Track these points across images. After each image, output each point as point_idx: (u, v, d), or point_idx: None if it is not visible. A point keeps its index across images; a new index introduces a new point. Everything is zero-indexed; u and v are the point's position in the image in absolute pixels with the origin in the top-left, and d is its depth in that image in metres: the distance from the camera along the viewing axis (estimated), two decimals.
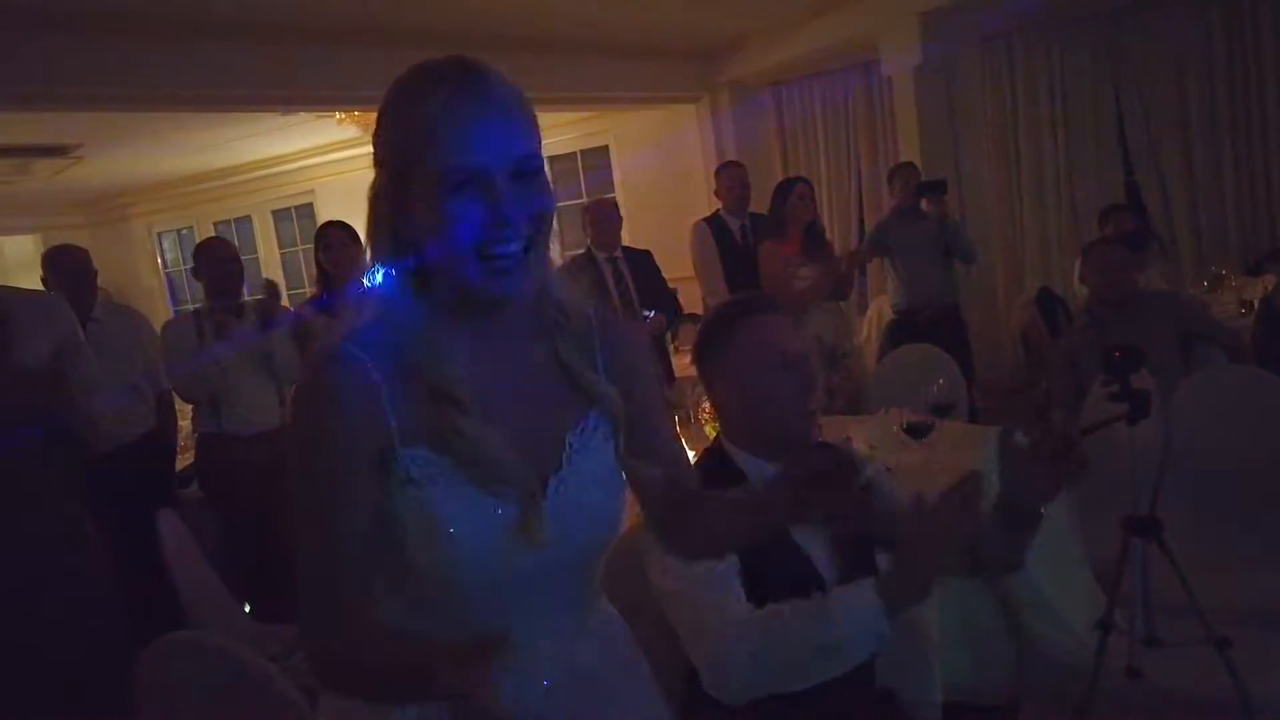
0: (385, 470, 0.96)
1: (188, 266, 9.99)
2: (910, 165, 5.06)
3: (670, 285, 4.73)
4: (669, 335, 4.85)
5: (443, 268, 0.96)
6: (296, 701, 1.49)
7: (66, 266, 3.58)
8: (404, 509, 0.96)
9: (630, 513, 1.18)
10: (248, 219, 9.61)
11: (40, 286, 3.66)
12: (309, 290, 8.84)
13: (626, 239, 5.03)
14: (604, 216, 4.59)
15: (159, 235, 10.33)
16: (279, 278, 9.38)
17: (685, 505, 1.14)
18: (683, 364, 4.69)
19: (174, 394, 3.79)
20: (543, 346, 1.06)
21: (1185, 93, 5.89)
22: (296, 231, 9.56)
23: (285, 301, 3.94)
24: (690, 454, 2.06)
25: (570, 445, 1.04)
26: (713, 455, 1.68)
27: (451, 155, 0.92)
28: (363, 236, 1.04)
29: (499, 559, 0.98)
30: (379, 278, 0.99)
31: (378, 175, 1.00)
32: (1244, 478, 2.56)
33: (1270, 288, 4.43)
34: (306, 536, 0.97)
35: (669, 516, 1.17)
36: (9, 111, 4.96)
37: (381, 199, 0.99)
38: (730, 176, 4.71)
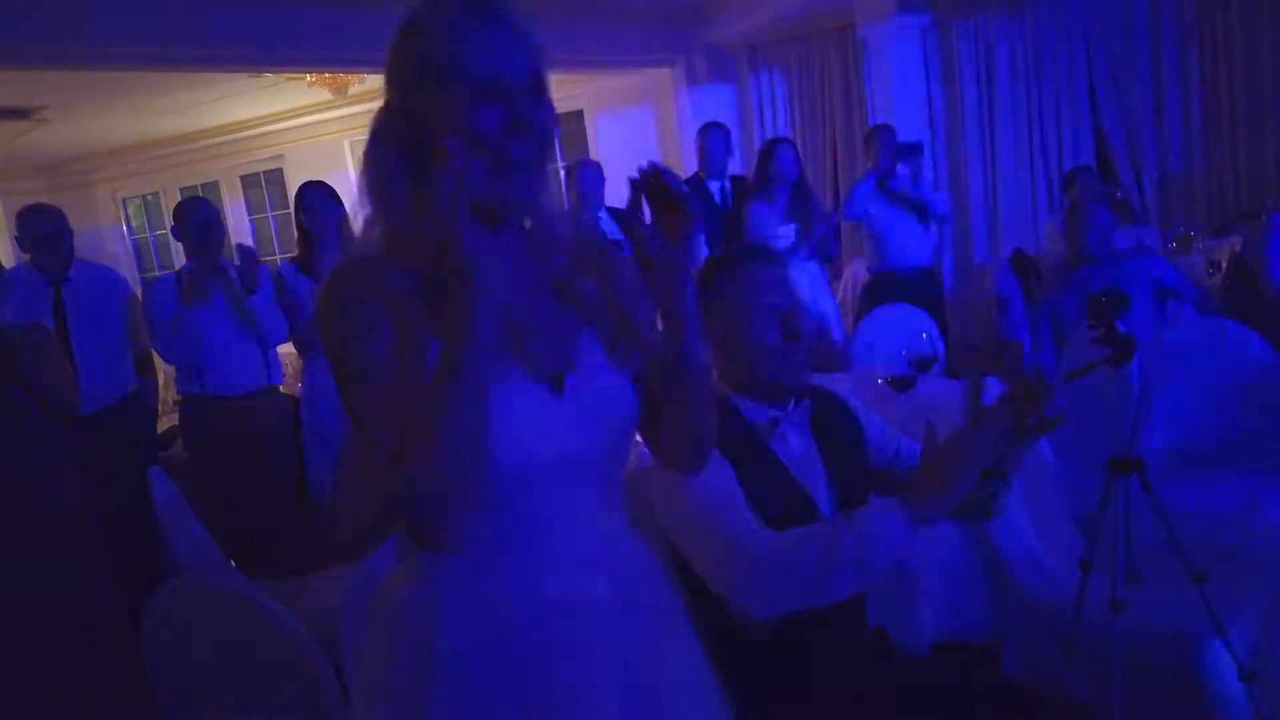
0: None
1: (156, 233, 9.90)
2: (886, 128, 5.08)
3: None
4: None
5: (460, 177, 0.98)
6: (309, 642, 1.50)
7: (42, 228, 3.52)
8: None
9: None
10: (215, 184, 9.44)
11: (10, 246, 3.61)
12: (278, 257, 8.77)
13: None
14: (590, 180, 4.58)
15: (124, 201, 10.12)
16: (248, 244, 9.27)
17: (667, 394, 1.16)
18: None
19: (155, 355, 3.76)
20: (544, 265, 1.10)
21: (1158, 53, 5.97)
22: (266, 197, 9.41)
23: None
24: None
25: (580, 348, 1.08)
26: None
27: (475, 66, 0.98)
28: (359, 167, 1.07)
29: (527, 445, 1.00)
30: (385, 198, 1.03)
31: (389, 99, 1.06)
32: (1219, 424, 2.64)
33: (1237, 248, 4.53)
34: (364, 403, 0.98)
35: (655, 411, 1.19)
36: None
37: (391, 121, 1.04)
38: (710, 137, 4.71)
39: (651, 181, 1.07)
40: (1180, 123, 5.98)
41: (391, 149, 1.04)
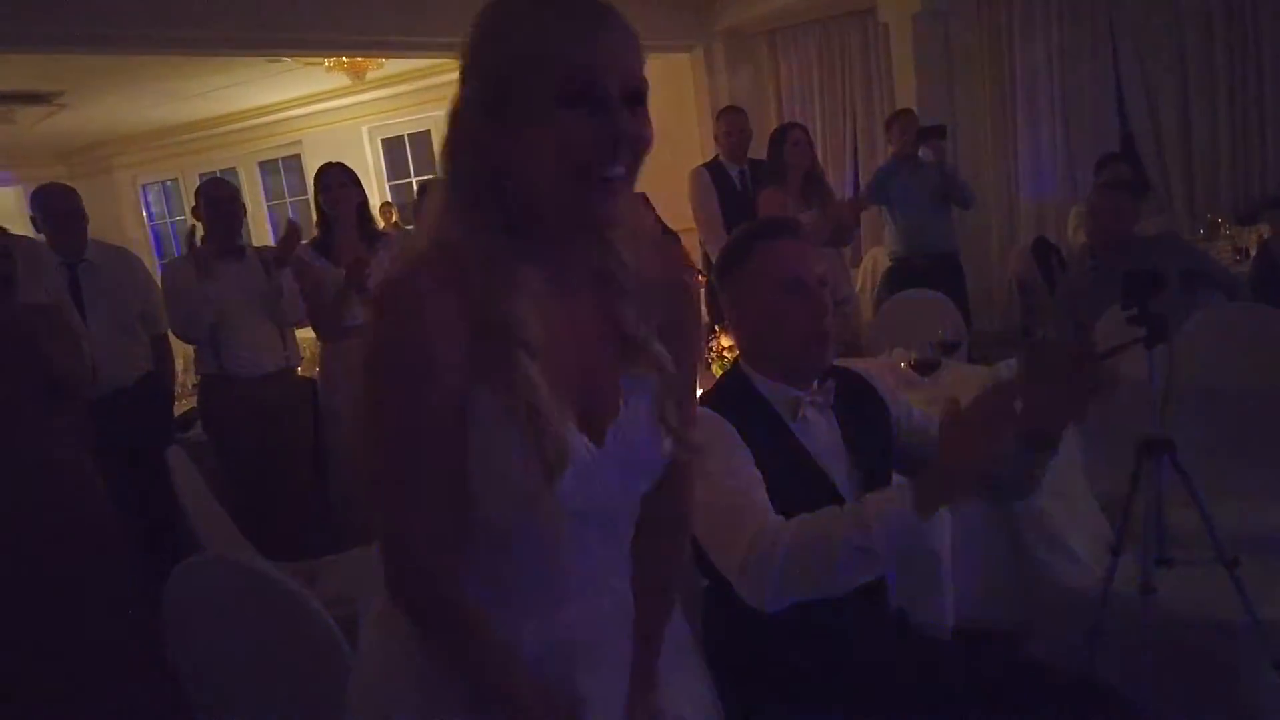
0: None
1: (175, 218, 9.94)
2: (909, 112, 5.03)
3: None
4: None
5: (540, 186, 0.91)
6: (327, 620, 1.50)
7: (56, 207, 3.52)
8: (470, 451, 0.94)
9: None
10: (234, 171, 9.48)
11: (29, 228, 3.61)
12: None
13: None
14: None
15: (143, 187, 10.19)
16: (265, 231, 9.29)
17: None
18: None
19: (171, 336, 3.77)
20: (600, 296, 1.02)
21: (1183, 41, 5.87)
22: (284, 184, 9.43)
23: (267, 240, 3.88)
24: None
25: (625, 393, 1.02)
26: (732, 378, 1.69)
27: (571, 65, 0.87)
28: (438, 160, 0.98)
29: (562, 496, 0.96)
30: (450, 202, 0.95)
31: (464, 90, 0.93)
32: (1249, 410, 2.59)
33: (1265, 235, 4.46)
34: (397, 489, 0.95)
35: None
36: None
37: (468, 115, 0.92)
38: (729, 122, 4.67)
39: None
40: (1207, 109, 5.89)
41: (468, 152, 0.93)
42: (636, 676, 1.12)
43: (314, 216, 3.69)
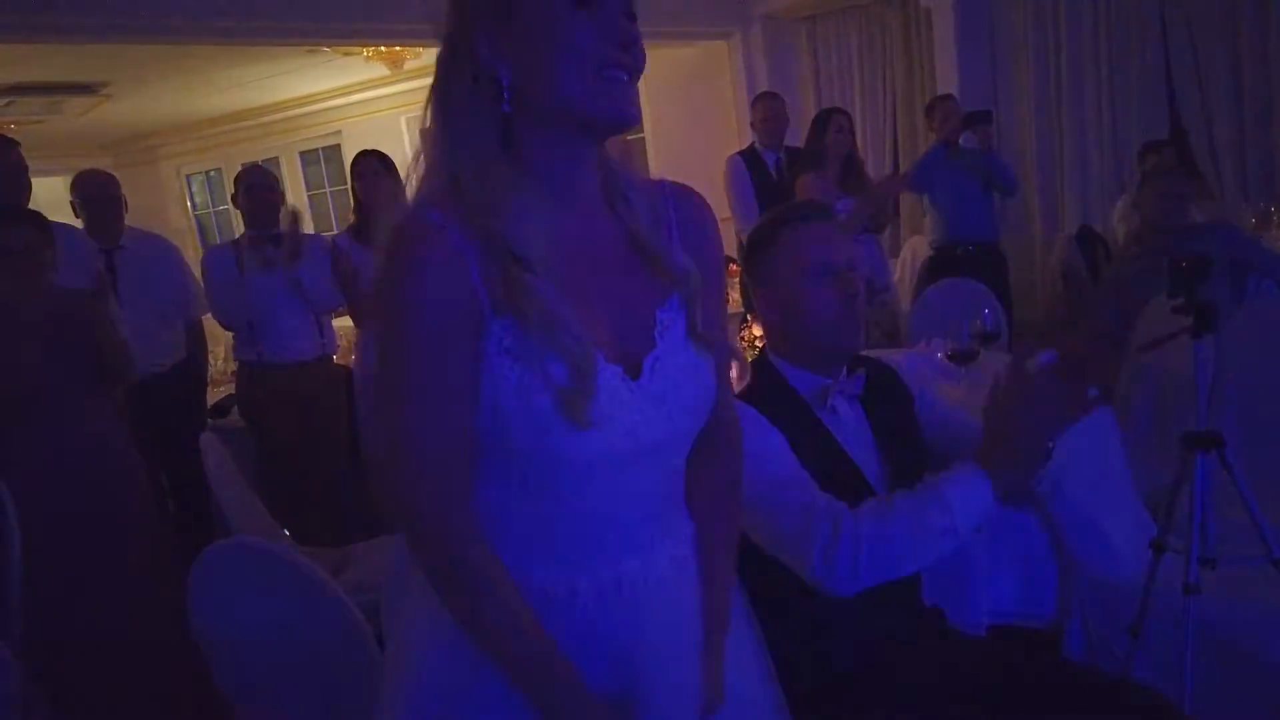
0: (481, 344, 0.93)
1: (218, 208, 10.09)
2: (950, 97, 4.94)
3: None
4: None
5: (556, 90, 0.93)
6: (351, 606, 1.49)
7: (94, 193, 3.57)
8: (503, 382, 0.92)
9: None
10: (275, 160, 9.57)
11: (70, 214, 3.66)
12: (336, 231, 8.86)
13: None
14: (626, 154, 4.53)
15: (188, 177, 10.34)
16: (306, 219, 9.37)
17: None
18: None
19: (206, 324, 3.81)
20: (616, 224, 1.02)
21: (1236, 27, 5.68)
22: (324, 173, 9.52)
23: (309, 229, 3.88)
24: None
25: (661, 322, 1.01)
26: (759, 368, 1.66)
27: None
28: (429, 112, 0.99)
29: (596, 435, 0.94)
30: (445, 136, 0.96)
31: (456, 17, 0.97)
32: None
33: None
34: (407, 422, 0.94)
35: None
36: (38, 43, 4.94)
37: (466, 37, 0.95)
38: (766, 107, 4.62)
39: None
40: (1261, 96, 5.70)
41: (467, 82, 0.95)
42: (708, 652, 1.08)
43: (352, 203, 3.72)
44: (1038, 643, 2.14)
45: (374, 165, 3.58)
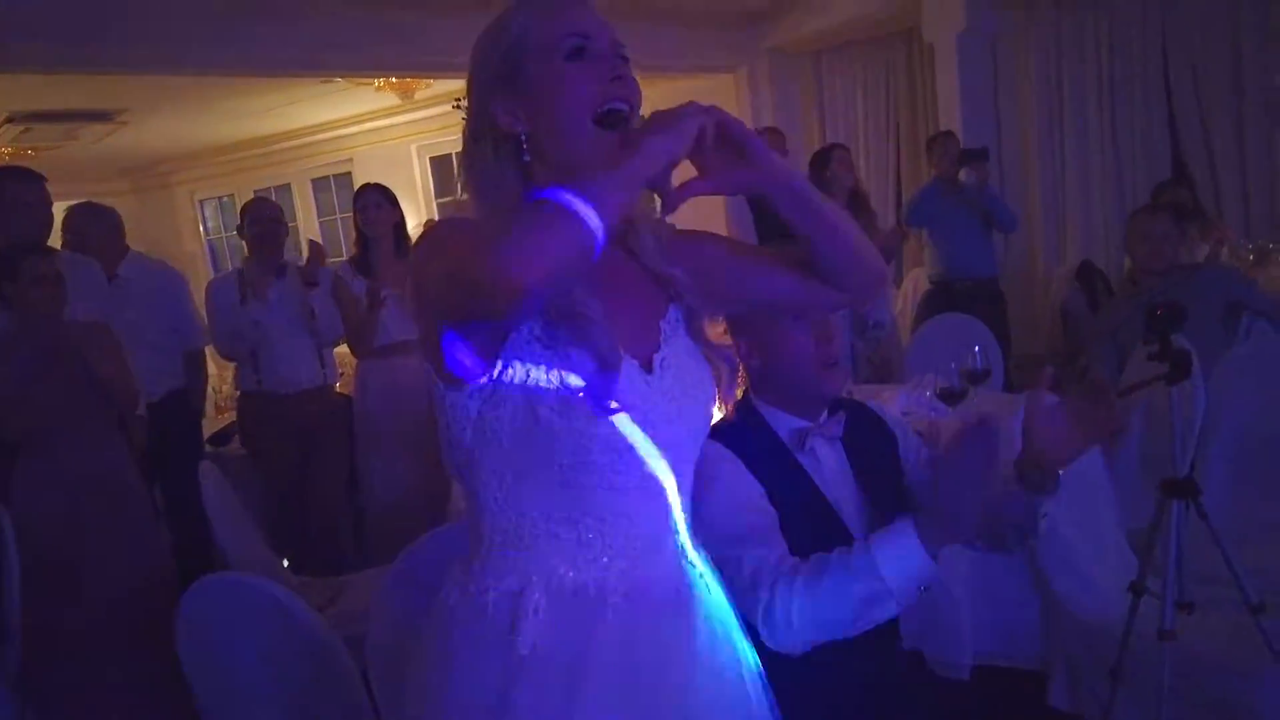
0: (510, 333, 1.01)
1: (229, 234, 10.19)
2: (950, 134, 4.98)
3: None
4: None
5: (564, 133, 1.04)
6: (337, 643, 1.52)
7: (88, 229, 3.57)
8: (533, 367, 1.01)
9: None
10: (287, 187, 9.69)
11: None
12: (345, 259, 8.93)
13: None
14: None
15: (201, 203, 10.46)
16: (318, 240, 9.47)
17: None
18: (715, 333, 4.67)
19: (208, 353, 3.84)
20: (620, 244, 1.13)
21: (1239, 63, 5.72)
22: (335, 200, 9.62)
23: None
24: None
25: (664, 329, 1.12)
26: (741, 410, 1.68)
27: (570, 29, 1.04)
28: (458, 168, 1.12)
29: (622, 420, 1.03)
30: (474, 187, 1.08)
31: (476, 90, 1.09)
32: None
33: None
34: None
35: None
36: (57, 72, 5.03)
37: (484, 103, 1.07)
38: (768, 141, 4.66)
39: None
40: (1263, 132, 5.72)
41: (489, 148, 1.07)
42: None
43: (354, 235, 3.77)
44: (1023, 685, 2.14)
45: (375, 198, 3.63)
